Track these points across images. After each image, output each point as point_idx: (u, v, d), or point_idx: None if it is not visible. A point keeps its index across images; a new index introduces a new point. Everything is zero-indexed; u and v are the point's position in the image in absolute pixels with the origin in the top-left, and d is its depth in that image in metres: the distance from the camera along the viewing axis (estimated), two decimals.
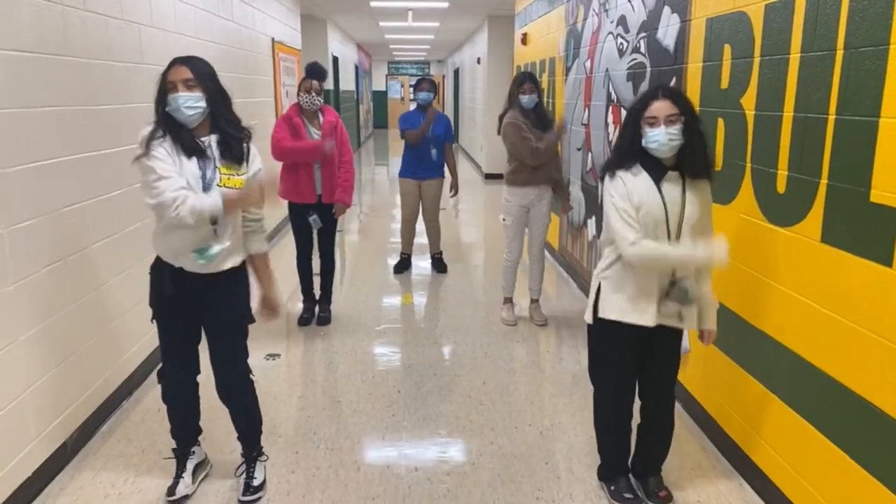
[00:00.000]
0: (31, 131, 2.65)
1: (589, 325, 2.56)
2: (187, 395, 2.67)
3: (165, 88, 2.34)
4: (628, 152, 2.35)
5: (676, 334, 2.50)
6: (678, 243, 2.32)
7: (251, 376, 2.69)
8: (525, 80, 4.39)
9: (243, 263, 2.57)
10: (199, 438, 2.79)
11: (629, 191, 2.31)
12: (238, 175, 2.42)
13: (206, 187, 2.34)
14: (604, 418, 2.67)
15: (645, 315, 2.38)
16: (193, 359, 2.63)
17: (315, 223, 4.39)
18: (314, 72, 4.31)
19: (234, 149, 2.42)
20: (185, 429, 2.72)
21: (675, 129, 2.25)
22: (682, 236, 2.32)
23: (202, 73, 2.36)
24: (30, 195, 2.65)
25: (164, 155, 2.30)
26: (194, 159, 2.35)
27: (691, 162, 2.32)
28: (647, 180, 2.32)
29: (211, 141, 2.41)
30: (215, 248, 2.39)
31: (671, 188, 2.32)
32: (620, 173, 2.35)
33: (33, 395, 2.66)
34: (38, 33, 2.72)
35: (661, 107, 2.26)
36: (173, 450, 2.71)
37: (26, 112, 2.62)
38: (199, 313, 2.55)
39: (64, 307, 2.90)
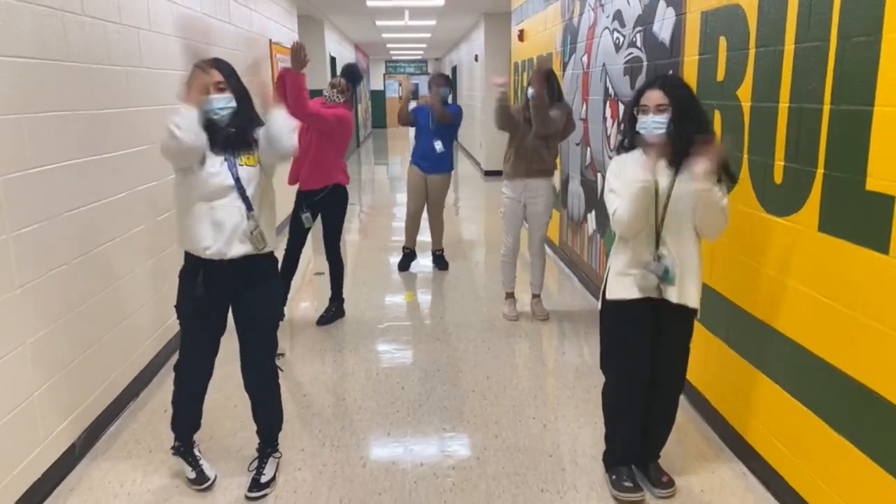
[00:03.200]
0: (34, 136, 2.68)
1: (600, 310, 2.62)
2: (201, 388, 2.76)
3: None
4: (628, 136, 2.53)
5: (684, 318, 2.53)
6: (665, 224, 2.42)
7: (280, 370, 2.78)
8: (536, 74, 4.27)
9: (271, 253, 2.66)
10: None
11: (621, 168, 2.47)
12: (252, 155, 2.55)
13: (232, 170, 2.49)
14: (612, 402, 2.69)
15: (632, 288, 2.48)
16: (213, 354, 2.72)
17: (307, 221, 4.38)
18: (344, 70, 4.47)
19: (242, 143, 2.53)
20: (192, 424, 2.80)
21: (662, 118, 2.37)
22: (669, 216, 2.41)
23: (230, 75, 2.54)
24: (34, 200, 2.67)
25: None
26: (218, 158, 2.50)
27: (677, 150, 2.38)
28: (640, 160, 2.43)
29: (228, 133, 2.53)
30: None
31: (664, 171, 2.41)
32: (618, 156, 2.54)
33: (41, 398, 2.68)
34: (39, 39, 2.74)
35: (652, 96, 2.39)
36: (179, 446, 2.77)
37: (29, 118, 2.64)
38: (227, 312, 2.66)
39: (70, 310, 2.92)
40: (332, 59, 12.99)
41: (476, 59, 13.00)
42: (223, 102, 2.48)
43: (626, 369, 2.59)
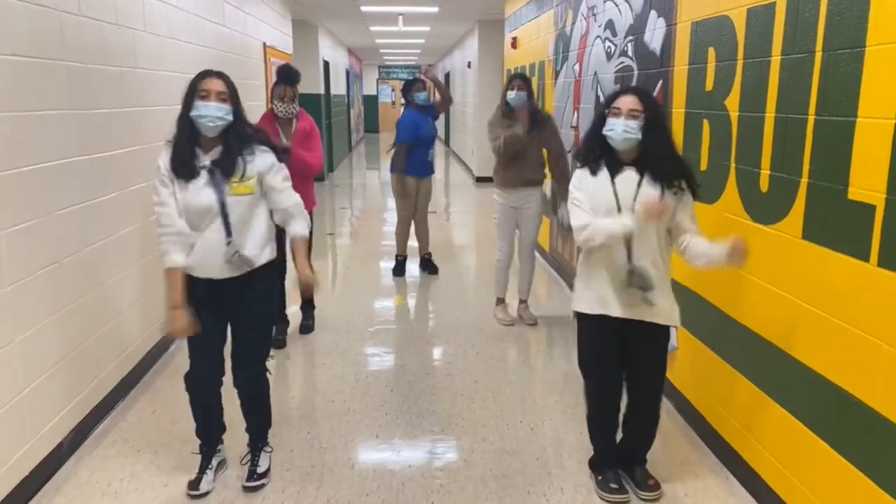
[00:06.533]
0: (28, 134, 2.68)
1: (575, 318, 2.69)
2: (213, 397, 2.74)
3: (195, 95, 2.42)
4: (592, 141, 2.52)
5: (656, 328, 2.55)
6: (635, 234, 2.42)
7: (268, 373, 2.81)
8: (513, 77, 4.43)
9: (275, 258, 2.68)
10: (223, 437, 2.86)
11: (585, 183, 2.51)
12: (244, 181, 2.49)
13: (221, 198, 2.45)
14: (591, 407, 2.75)
15: (611, 305, 2.51)
16: (219, 361, 2.69)
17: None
18: (287, 76, 3.98)
19: (227, 166, 2.47)
20: (211, 429, 2.80)
21: (634, 124, 2.39)
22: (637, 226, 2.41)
23: (233, 89, 2.50)
24: (26, 198, 2.67)
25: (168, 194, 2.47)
26: (204, 176, 2.45)
27: (648, 160, 2.42)
28: (603, 174, 2.48)
29: (213, 155, 2.48)
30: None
31: (625, 181, 2.45)
32: (582, 170, 2.55)
33: (29, 396, 2.68)
34: (35, 38, 2.75)
35: (626, 101, 2.42)
36: (200, 447, 2.78)
37: (24, 116, 2.65)
38: (229, 311, 2.64)
39: (60, 309, 2.92)
40: (326, 64, 13.01)
41: (469, 66, 13.06)
42: (221, 112, 2.42)
43: (598, 376, 2.67)
